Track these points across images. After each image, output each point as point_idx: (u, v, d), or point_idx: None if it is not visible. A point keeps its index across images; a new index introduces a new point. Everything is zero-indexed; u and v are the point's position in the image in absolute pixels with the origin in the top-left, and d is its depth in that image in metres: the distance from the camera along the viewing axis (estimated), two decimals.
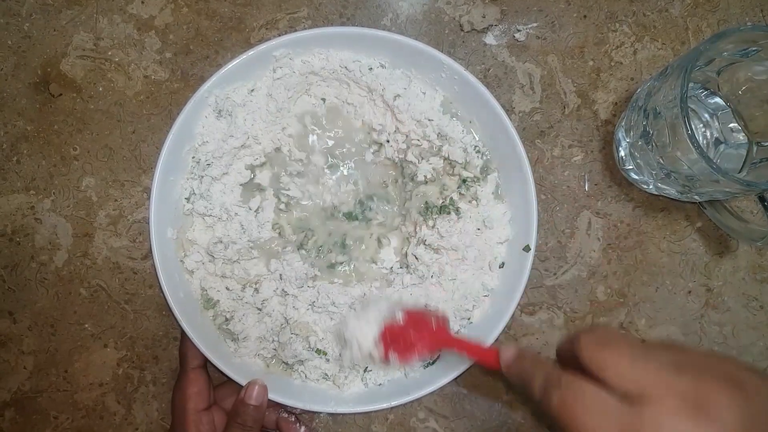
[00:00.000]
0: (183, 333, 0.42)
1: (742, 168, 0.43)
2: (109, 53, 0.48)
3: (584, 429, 0.27)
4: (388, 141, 0.46)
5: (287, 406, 0.44)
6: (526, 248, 0.44)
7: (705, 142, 0.46)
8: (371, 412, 0.47)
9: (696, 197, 0.43)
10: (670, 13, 0.50)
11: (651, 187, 0.45)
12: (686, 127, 0.37)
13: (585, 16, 0.50)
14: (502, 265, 0.46)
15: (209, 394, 0.42)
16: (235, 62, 0.43)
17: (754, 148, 0.43)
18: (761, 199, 0.39)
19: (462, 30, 0.49)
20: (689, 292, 0.49)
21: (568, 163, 0.49)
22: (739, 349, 0.49)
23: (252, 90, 0.45)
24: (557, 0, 0.50)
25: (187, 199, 0.45)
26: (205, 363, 0.43)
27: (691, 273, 0.49)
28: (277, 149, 0.46)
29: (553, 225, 0.48)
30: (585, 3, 0.50)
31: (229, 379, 0.43)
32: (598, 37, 0.50)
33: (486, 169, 0.46)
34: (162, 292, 0.42)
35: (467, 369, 0.44)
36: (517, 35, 0.49)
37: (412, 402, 0.45)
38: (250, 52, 0.44)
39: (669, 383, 0.26)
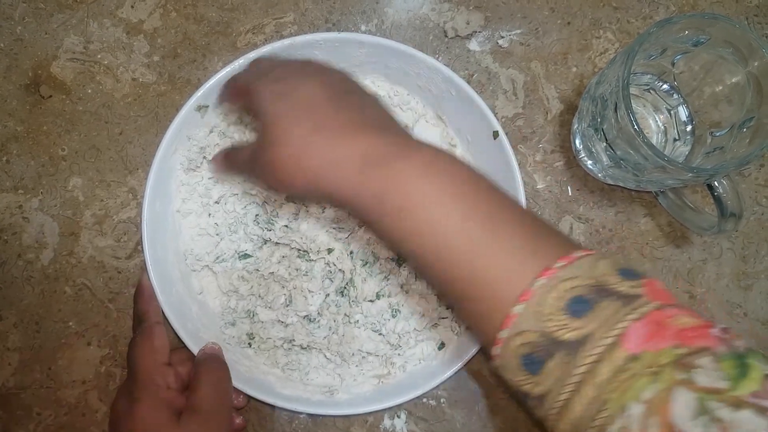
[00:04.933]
0: (137, 290, 0.44)
1: (695, 157, 0.44)
2: (99, 56, 0.49)
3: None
4: None
5: (264, 401, 0.44)
6: None
7: (661, 134, 0.46)
8: (352, 415, 0.47)
9: (649, 186, 0.43)
10: (654, 20, 0.50)
11: (605, 176, 0.46)
12: (627, 112, 0.37)
13: (569, 23, 0.50)
14: None
15: (169, 350, 0.42)
16: (225, 70, 0.44)
17: (708, 138, 0.44)
18: (710, 187, 0.40)
19: (446, 36, 0.50)
20: None
21: (551, 168, 0.49)
22: None
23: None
24: (541, 7, 0.50)
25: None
26: (162, 320, 0.43)
27: (674, 279, 0.49)
28: None
29: None
30: (569, 10, 0.50)
31: (181, 347, 0.44)
32: (581, 43, 0.50)
33: None
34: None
35: (451, 375, 0.44)
36: (500, 41, 0.50)
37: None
38: (241, 60, 0.44)
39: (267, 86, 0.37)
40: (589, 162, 0.47)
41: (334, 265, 0.44)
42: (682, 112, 0.46)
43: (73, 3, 0.49)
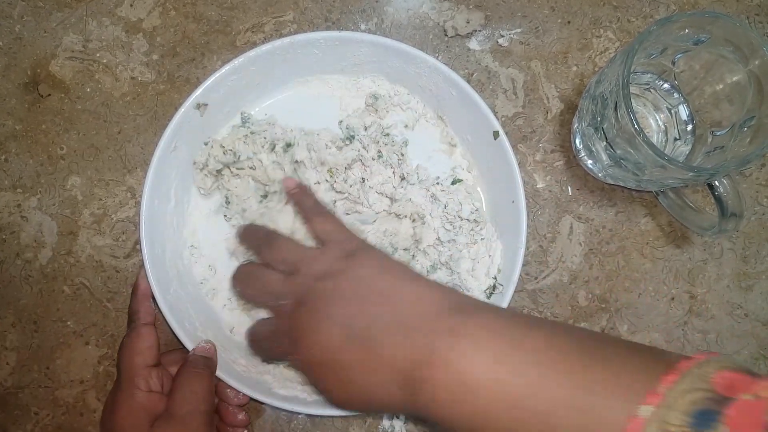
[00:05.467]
0: (133, 291, 0.44)
1: (696, 156, 0.44)
2: (98, 55, 0.49)
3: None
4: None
5: (262, 401, 0.44)
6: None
7: (661, 134, 0.46)
8: (350, 416, 0.46)
9: (649, 186, 0.43)
10: (655, 19, 0.50)
11: (606, 176, 0.46)
12: (627, 111, 0.37)
13: (569, 22, 0.50)
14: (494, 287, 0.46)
15: (158, 352, 0.42)
16: (225, 69, 0.44)
17: (709, 138, 0.43)
18: (711, 187, 0.39)
19: (446, 35, 0.50)
20: (672, 298, 0.48)
21: (551, 167, 0.49)
22: None
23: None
24: (541, 6, 0.50)
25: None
26: (154, 321, 0.43)
27: (675, 279, 0.48)
28: None
29: (534, 229, 0.48)
30: (569, 9, 0.50)
31: (178, 348, 0.44)
32: (581, 42, 0.50)
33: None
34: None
35: None
36: (500, 40, 0.50)
37: None
38: (241, 58, 0.44)
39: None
40: (589, 161, 0.47)
41: None
42: (683, 112, 0.46)
43: (72, 1, 0.49)
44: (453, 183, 0.47)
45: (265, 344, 0.42)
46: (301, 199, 0.44)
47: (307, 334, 0.37)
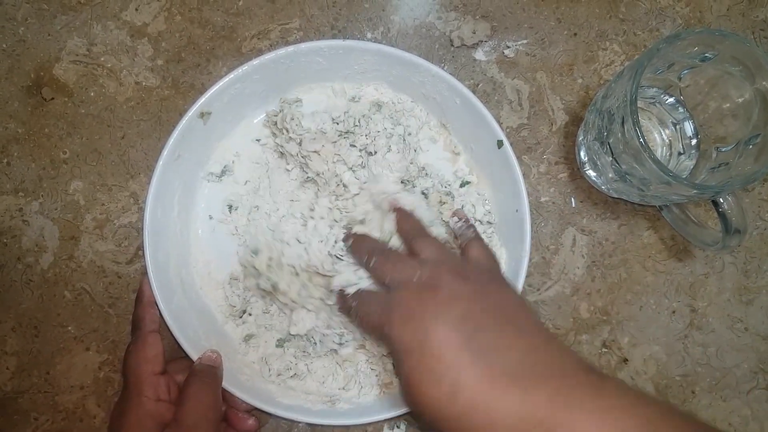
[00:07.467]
0: (137, 298, 0.44)
1: (700, 172, 0.44)
2: (102, 59, 0.49)
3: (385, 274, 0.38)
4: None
5: (265, 411, 0.44)
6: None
7: (666, 148, 0.46)
8: (352, 426, 0.46)
9: (653, 201, 0.43)
10: (661, 33, 0.50)
11: (609, 189, 0.46)
12: (634, 127, 0.37)
13: (575, 34, 0.50)
14: None
15: (164, 360, 0.42)
16: (229, 78, 0.44)
17: (714, 154, 0.44)
18: (715, 203, 0.40)
19: (452, 45, 0.50)
20: (673, 312, 0.48)
21: (555, 179, 0.49)
22: (723, 370, 0.48)
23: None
24: (548, 17, 0.50)
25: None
26: (159, 328, 0.43)
27: (676, 293, 0.49)
28: None
29: (537, 241, 0.48)
30: (575, 21, 0.50)
31: (182, 356, 0.44)
32: (587, 55, 0.50)
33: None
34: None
35: None
36: (506, 51, 0.50)
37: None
38: (244, 67, 0.44)
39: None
40: (593, 174, 0.47)
41: None
42: (688, 127, 0.46)
43: (77, 5, 0.49)
44: (462, 185, 0.48)
45: (372, 313, 0.38)
46: (403, 218, 0.42)
47: (429, 325, 0.34)
